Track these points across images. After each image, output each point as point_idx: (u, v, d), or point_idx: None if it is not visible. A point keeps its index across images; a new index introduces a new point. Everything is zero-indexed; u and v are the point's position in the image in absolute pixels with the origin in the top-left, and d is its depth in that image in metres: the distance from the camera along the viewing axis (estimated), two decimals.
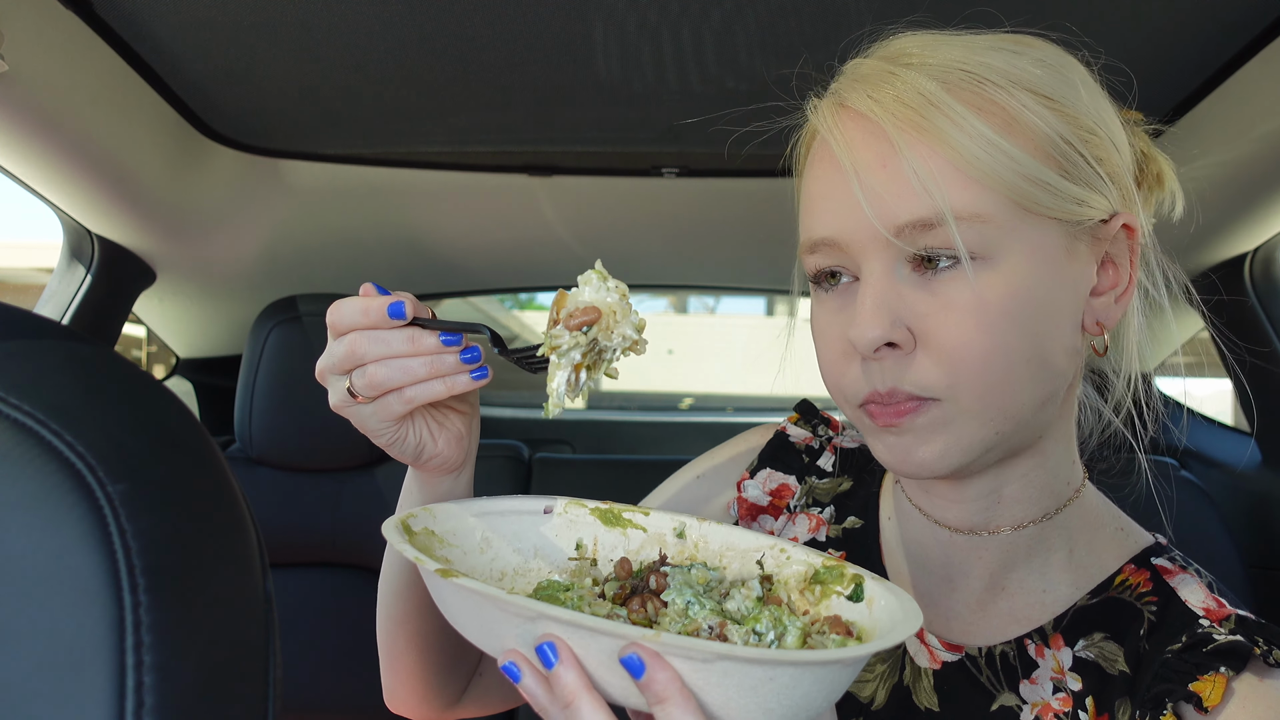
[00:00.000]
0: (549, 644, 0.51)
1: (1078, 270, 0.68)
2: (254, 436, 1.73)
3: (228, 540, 0.37)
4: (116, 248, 1.61)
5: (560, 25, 1.11)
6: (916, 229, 0.64)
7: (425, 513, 0.67)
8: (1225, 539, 1.65)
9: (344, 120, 1.42)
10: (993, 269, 0.65)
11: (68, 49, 1.11)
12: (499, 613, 0.52)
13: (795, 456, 0.92)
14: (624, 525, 0.73)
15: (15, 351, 0.36)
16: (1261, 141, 1.29)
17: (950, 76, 0.66)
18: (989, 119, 0.65)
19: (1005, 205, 0.64)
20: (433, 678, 0.84)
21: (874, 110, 0.66)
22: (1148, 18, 1.09)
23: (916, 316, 0.66)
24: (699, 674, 0.49)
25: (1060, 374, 0.69)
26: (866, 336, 0.65)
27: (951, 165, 0.64)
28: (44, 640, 0.31)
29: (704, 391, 12.22)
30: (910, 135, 0.64)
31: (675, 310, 12.57)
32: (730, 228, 1.84)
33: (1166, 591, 0.73)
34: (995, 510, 0.75)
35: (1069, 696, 0.72)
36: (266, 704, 0.37)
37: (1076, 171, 0.66)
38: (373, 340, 0.67)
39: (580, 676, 0.51)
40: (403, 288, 2.20)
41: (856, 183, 0.66)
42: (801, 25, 1.07)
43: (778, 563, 0.69)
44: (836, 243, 0.68)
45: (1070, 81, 0.68)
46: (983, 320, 0.64)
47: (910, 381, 0.66)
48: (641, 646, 0.49)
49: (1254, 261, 1.63)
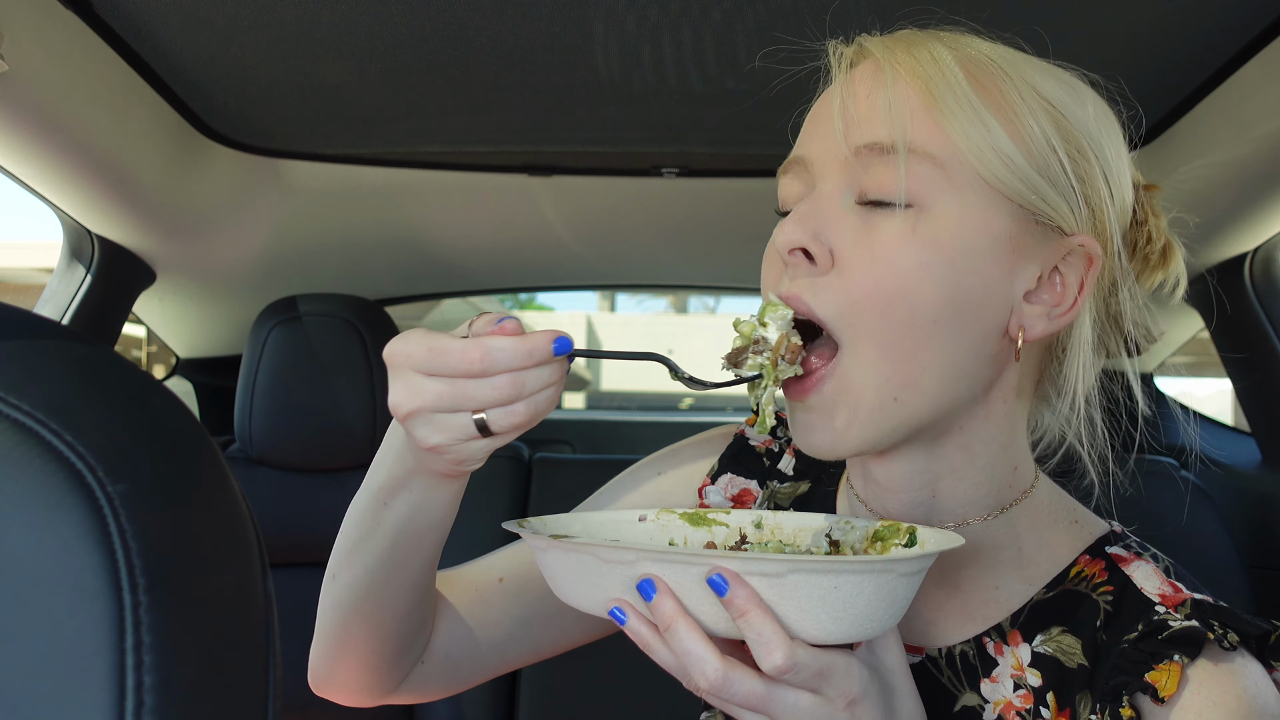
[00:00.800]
0: (647, 580, 0.58)
1: (1017, 264, 0.68)
2: (254, 436, 1.74)
3: (228, 540, 0.37)
4: (116, 248, 1.61)
5: (560, 25, 1.11)
6: (872, 151, 0.67)
7: (538, 521, 0.74)
8: (1225, 539, 1.65)
9: (344, 120, 1.42)
10: (927, 217, 0.66)
11: (68, 49, 1.11)
12: (603, 564, 0.60)
13: (756, 460, 0.92)
14: (709, 524, 0.81)
15: (15, 351, 0.36)
16: (1261, 141, 1.29)
17: (967, 53, 0.69)
18: (983, 93, 0.67)
19: (963, 166, 0.66)
20: (382, 662, 0.82)
21: (883, 54, 0.69)
22: (1147, 18, 1.09)
23: (839, 240, 0.68)
24: (774, 589, 0.57)
25: (971, 360, 0.69)
26: (784, 235, 0.68)
27: (927, 111, 0.67)
28: (44, 640, 0.31)
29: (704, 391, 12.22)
30: (901, 77, 0.68)
31: (675, 310, 12.53)
32: (730, 228, 1.84)
33: (1122, 580, 0.73)
34: (933, 506, 0.75)
35: (1030, 693, 0.72)
36: (266, 704, 0.37)
37: (1049, 171, 0.68)
38: (537, 378, 0.62)
39: (675, 604, 0.58)
40: (403, 288, 2.21)
41: (839, 102, 0.69)
42: (802, 25, 1.07)
43: (843, 531, 0.77)
44: (805, 160, 0.72)
45: (1083, 105, 0.70)
46: (897, 258, 0.66)
47: (812, 295, 0.68)
48: (723, 568, 0.57)
49: (1254, 261, 1.63)
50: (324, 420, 1.71)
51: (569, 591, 0.64)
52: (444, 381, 0.62)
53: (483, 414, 0.63)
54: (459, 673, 0.87)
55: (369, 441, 1.73)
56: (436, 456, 0.66)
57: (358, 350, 1.74)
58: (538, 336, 0.62)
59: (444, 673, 0.87)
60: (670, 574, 0.58)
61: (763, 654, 0.57)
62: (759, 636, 0.57)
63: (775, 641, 0.57)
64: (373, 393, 1.72)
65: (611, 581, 0.60)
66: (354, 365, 1.73)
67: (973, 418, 0.72)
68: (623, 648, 2.01)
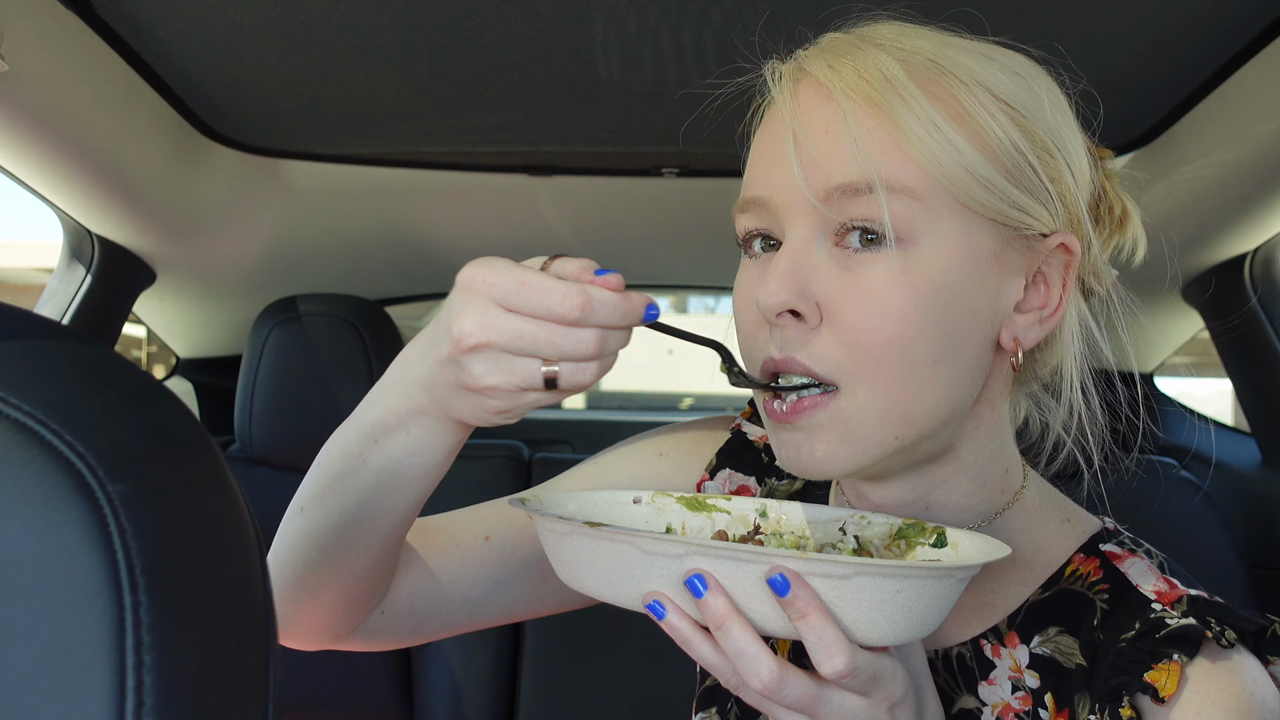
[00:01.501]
0: (698, 576, 0.55)
1: (1003, 280, 0.67)
2: (254, 436, 1.73)
3: (228, 540, 0.37)
4: (116, 248, 1.61)
5: (560, 25, 1.11)
6: (845, 193, 0.63)
7: (534, 499, 0.71)
8: (1225, 539, 1.65)
9: (344, 120, 1.42)
10: (913, 254, 0.64)
11: (68, 49, 1.11)
12: (645, 556, 0.57)
13: (755, 456, 0.90)
14: (709, 510, 0.78)
15: (15, 351, 0.36)
16: (1261, 141, 1.29)
17: (915, 61, 0.65)
18: (943, 108, 0.64)
19: (940, 194, 0.64)
20: (339, 608, 0.76)
21: (829, 78, 0.65)
22: (1147, 18, 1.09)
23: (826, 291, 0.65)
24: (835, 590, 0.55)
25: (965, 385, 0.67)
26: (771, 299, 0.64)
27: (894, 141, 0.63)
28: (44, 640, 0.31)
29: (704, 391, 12.21)
30: (859, 106, 0.64)
31: (675, 310, 12.58)
32: (730, 228, 1.84)
33: (1117, 577, 0.72)
34: (926, 515, 0.74)
35: (1028, 695, 0.72)
36: (266, 704, 0.37)
37: (1024, 180, 0.66)
38: (618, 339, 0.61)
39: (729, 602, 0.56)
40: (403, 288, 2.21)
41: (792, 143, 0.65)
42: (803, 25, 1.07)
43: (859, 527, 0.75)
44: (766, 203, 0.68)
45: (1037, 97, 0.67)
46: (891, 305, 0.63)
47: (807, 354, 0.65)
48: (785, 568, 0.54)
49: (1254, 261, 1.63)
50: (324, 420, 1.70)
51: (587, 579, 0.61)
52: (529, 321, 0.58)
53: (555, 366, 0.59)
54: (421, 626, 0.83)
55: None
56: (476, 399, 0.61)
57: (358, 350, 1.74)
58: (636, 298, 0.60)
59: (405, 624, 0.82)
60: (723, 570, 0.56)
61: (823, 657, 0.55)
62: (820, 640, 0.55)
63: (837, 646, 0.55)
64: None
65: (651, 574, 0.58)
66: (354, 365, 1.73)
67: (962, 431, 0.72)
68: (624, 646, 2.01)
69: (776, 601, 0.55)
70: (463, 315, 0.59)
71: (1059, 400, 0.74)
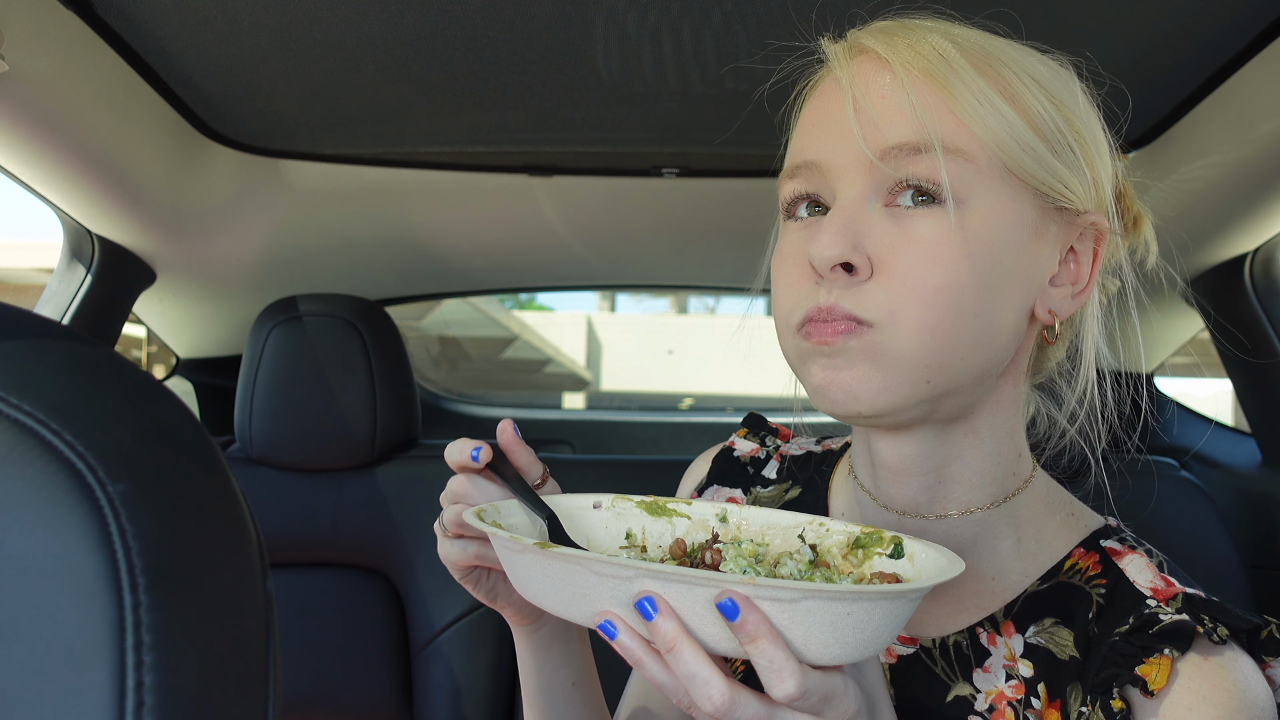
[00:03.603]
0: (648, 599, 0.56)
1: (1042, 250, 0.70)
2: (254, 436, 1.74)
3: (228, 540, 0.37)
4: (116, 248, 1.61)
5: (560, 25, 1.11)
6: (903, 153, 0.66)
7: (492, 509, 0.72)
8: (1225, 539, 1.65)
9: (344, 120, 1.42)
10: (964, 212, 0.66)
11: (68, 49, 1.11)
12: (595, 577, 0.57)
13: (740, 470, 0.93)
14: (669, 515, 0.78)
15: (15, 351, 0.36)
16: (1261, 141, 1.29)
17: (966, 43, 0.69)
18: (993, 84, 0.67)
19: (991, 159, 0.67)
20: None
21: (886, 51, 0.68)
22: (1146, 19, 1.09)
23: (879, 246, 0.67)
24: (785, 613, 0.55)
25: (1001, 347, 0.70)
26: (827, 252, 0.66)
27: (948, 109, 0.66)
28: (44, 640, 0.31)
29: (704, 391, 12.24)
30: (916, 77, 0.67)
31: (675, 310, 12.53)
32: (730, 228, 1.84)
33: (1115, 573, 0.73)
34: (938, 491, 0.75)
35: (1021, 684, 0.73)
36: (267, 704, 0.37)
37: (1064, 155, 0.69)
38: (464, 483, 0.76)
39: (679, 624, 0.56)
40: (403, 288, 2.21)
41: (851, 106, 0.68)
42: (803, 25, 1.07)
43: (818, 535, 0.75)
44: (819, 165, 0.70)
45: (1072, 91, 0.71)
46: (943, 254, 0.66)
47: (851, 302, 0.67)
48: (734, 592, 0.54)
49: (1254, 261, 1.63)
50: (324, 420, 1.71)
51: (543, 596, 0.61)
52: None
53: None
54: None
55: (369, 441, 1.73)
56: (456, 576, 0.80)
57: (358, 350, 1.74)
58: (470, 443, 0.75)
59: None
60: (673, 593, 0.56)
61: (773, 681, 0.56)
62: (770, 664, 0.55)
63: (788, 669, 0.55)
64: (373, 393, 1.73)
65: (602, 595, 0.57)
66: (354, 365, 1.73)
67: (983, 403, 0.73)
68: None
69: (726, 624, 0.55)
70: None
71: (1072, 387, 0.76)
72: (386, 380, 1.74)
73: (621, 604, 0.57)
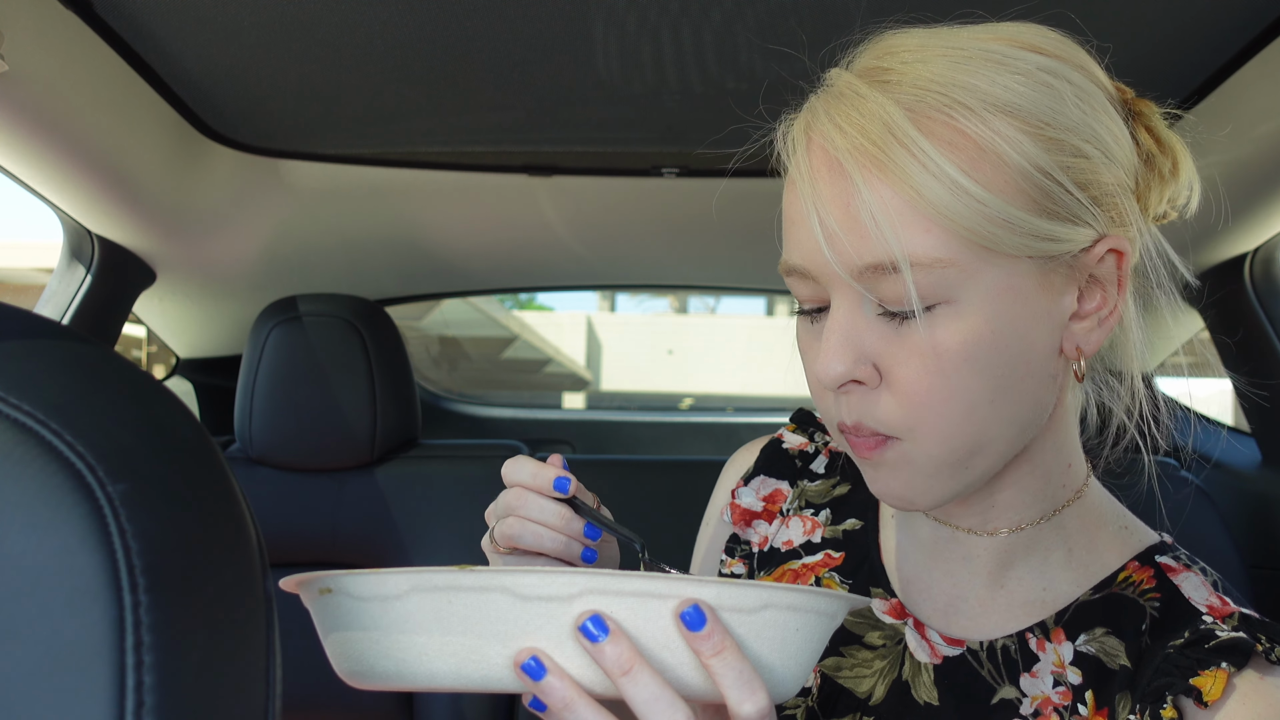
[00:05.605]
0: (594, 619, 0.50)
1: (1052, 301, 0.66)
2: (254, 436, 1.73)
3: (228, 540, 0.37)
4: (116, 248, 1.61)
5: (560, 25, 1.11)
6: (874, 272, 0.63)
7: (332, 577, 0.57)
8: (1225, 539, 1.65)
9: (344, 120, 1.42)
10: (954, 313, 0.64)
11: (68, 49, 1.11)
12: (523, 604, 0.50)
13: (789, 463, 0.92)
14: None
15: (15, 351, 0.36)
16: (1261, 141, 1.29)
17: (923, 101, 0.63)
18: (956, 155, 0.62)
19: (968, 248, 0.62)
20: None
21: (837, 144, 0.64)
22: (1145, 19, 1.09)
23: (879, 354, 0.66)
24: (744, 625, 0.53)
25: (1037, 403, 0.68)
26: (829, 374, 0.66)
27: (911, 207, 0.61)
28: (44, 640, 0.31)
29: (704, 391, 12.22)
30: (870, 173, 0.62)
31: (675, 310, 12.54)
32: (730, 228, 1.84)
33: (1170, 588, 0.73)
34: (991, 514, 0.76)
35: (1068, 690, 0.72)
36: (267, 704, 0.37)
37: (1054, 204, 0.64)
38: (526, 500, 0.73)
39: (632, 645, 0.51)
40: (403, 288, 2.21)
41: (817, 222, 0.64)
42: (803, 25, 1.07)
43: None
44: (808, 272, 0.68)
45: (1058, 97, 0.64)
46: (940, 366, 0.64)
47: (874, 419, 0.67)
48: (700, 599, 0.51)
49: (1254, 261, 1.63)
50: (324, 420, 1.71)
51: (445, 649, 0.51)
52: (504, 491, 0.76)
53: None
54: None
55: (369, 441, 1.73)
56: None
57: (358, 350, 1.74)
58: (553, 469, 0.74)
59: None
60: (624, 611, 0.50)
61: (744, 695, 0.52)
62: (739, 676, 0.52)
63: (757, 680, 0.53)
64: (373, 393, 1.72)
65: (531, 625, 0.50)
66: (354, 365, 1.73)
67: (1037, 436, 0.72)
68: None
69: (685, 641, 0.51)
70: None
71: (1122, 382, 0.74)
72: (386, 380, 1.74)
73: (557, 633, 0.50)
